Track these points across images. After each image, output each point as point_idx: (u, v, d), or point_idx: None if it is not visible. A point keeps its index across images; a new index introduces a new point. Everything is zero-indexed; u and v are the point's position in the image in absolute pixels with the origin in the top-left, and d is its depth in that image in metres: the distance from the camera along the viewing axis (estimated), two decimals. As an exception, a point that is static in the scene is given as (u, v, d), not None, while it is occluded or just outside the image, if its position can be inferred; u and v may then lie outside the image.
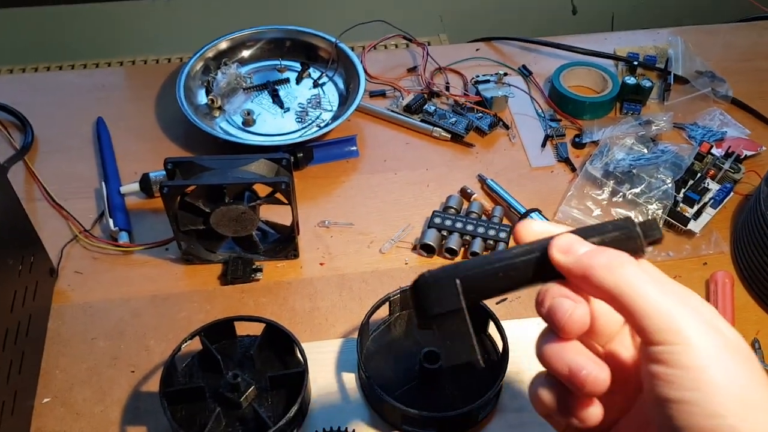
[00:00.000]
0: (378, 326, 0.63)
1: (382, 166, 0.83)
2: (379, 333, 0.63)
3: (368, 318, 0.61)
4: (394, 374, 0.59)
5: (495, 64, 0.96)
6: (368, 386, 0.58)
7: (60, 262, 0.71)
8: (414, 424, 0.56)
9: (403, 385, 0.58)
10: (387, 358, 0.61)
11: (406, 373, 0.59)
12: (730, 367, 0.32)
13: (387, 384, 0.57)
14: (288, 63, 0.91)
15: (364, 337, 0.60)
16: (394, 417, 0.57)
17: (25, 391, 0.59)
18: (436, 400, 0.58)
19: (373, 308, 0.61)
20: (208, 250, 0.71)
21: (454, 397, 0.58)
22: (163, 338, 0.65)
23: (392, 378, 0.59)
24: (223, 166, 0.67)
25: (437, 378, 0.59)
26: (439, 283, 0.36)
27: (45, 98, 0.89)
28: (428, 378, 0.59)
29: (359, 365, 0.58)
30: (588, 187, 0.78)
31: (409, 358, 0.60)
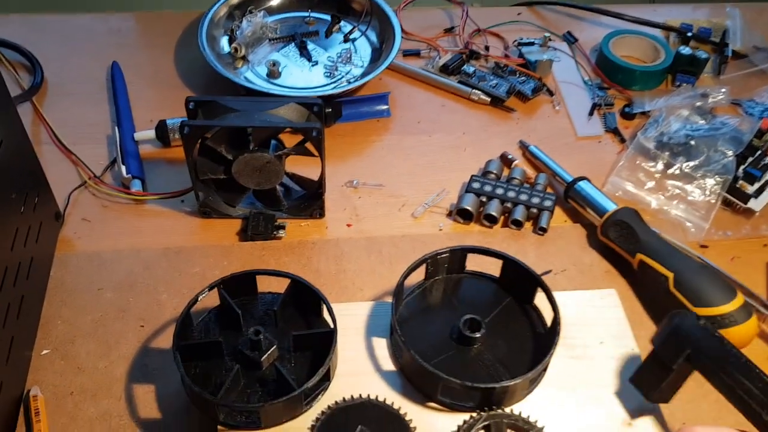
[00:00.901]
0: (412, 290, 0.58)
1: (416, 127, 0.77)
2: (413, 297, 0.57)
3: (403, 279, 0.55)
4: (428, 341, 0.53)
5: (537, 29, 0.90)
6: (403, 352, 0.52)
7: (67, 208, 0.65)
8: (452, 395, 0.50)
9: (438, 354, 0.52)
10: (421, 324, 0.55)
11: (442, 342, 0.54)
12: None
13: (421, 351, 0.51)
14: (318, 15, 0.85)
15: (398, 299, 0.54)
16: (431, 387, 0.51)
17: (23, 340, 0.53)
18: (474, 372, 0.52)
19: (408, 269, 0.55)
20: (227, 203, 0.66)
21: (495, 369, 0.52)
22: (176, 293, 0.60)
23: (427, 345, 0.53)
24: (250, 109, 0.61)
25: (476, 348, 0.53)
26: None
27: (57, 41, 0.83)
28: (466, 347, 0.53)
29: (393, 329, 0.53)
30: (640, 158, 0.72)
31: (445, 325, 0.54)
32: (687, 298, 0.57)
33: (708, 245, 0.67)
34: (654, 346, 0.49)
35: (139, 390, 0.53)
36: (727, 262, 0.65)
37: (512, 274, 0.57)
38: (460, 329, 0.53)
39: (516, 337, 0.54)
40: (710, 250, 0.66)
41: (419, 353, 0.50)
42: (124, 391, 0.53)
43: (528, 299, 0.57)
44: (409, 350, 0.50)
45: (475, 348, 0.53)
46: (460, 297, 0.57)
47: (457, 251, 0.57)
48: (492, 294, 0.57)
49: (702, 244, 0.67)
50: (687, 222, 0.67)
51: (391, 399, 0.51)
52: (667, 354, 0.48)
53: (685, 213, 0.68)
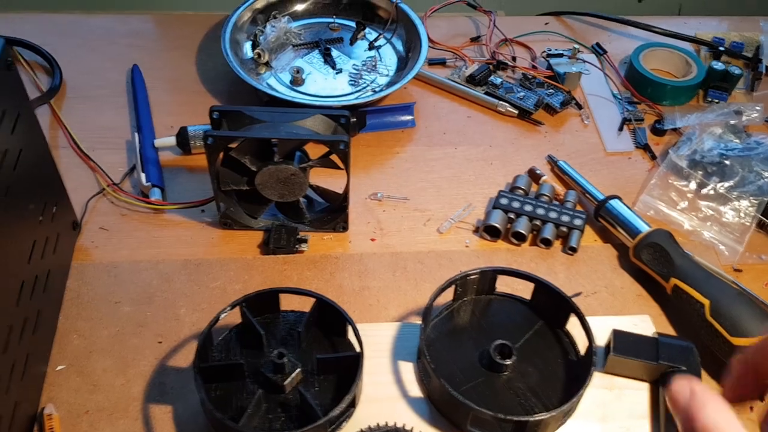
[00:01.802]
0: (439, 312, 0.56)
1: (441, 139, 0.75)
2: (441, 320, 0.55)
3: (432, 302, 0.53)
4: (457, 367, 0.52)
5: (565, 39, 0.87)
6: (432, 379, 0.50)
7: (84, 217, 0.64)
8: (483, 426, 0.49)
9: (467, 381, 0.51)
10: (449, 348, 0.53)
11: (471, 367, 0.52)
12: None
13: (449, 377, 0.50)
14: (342, 21, 0.83)
15: (426, 322, 0.52)
16: (460, 416, 0.49)
17: (38, 355, 0.52)
18: (505, 401, 0.50)
19: (437, 291, 0.53)
20: (248, 215, 0.64)
21: (527, 398, 0.50)
22: (196, 308, 0.58)
23: (455, 371, 0.51)
24: (276, 120, 0.59)
25: (507, 375, 0.51)
26: None
27: (75, 42, 0.82)
28: (496, 374, 0.51)
29: (422, 354, 0.51)
30: (672, 177, 0.70)
31: (474, 350, 0.53)
32: (724, 327, 0.55)
33: (742, 269, 0.65)
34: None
35: (157, 411, 0.52)
36: (761, 287, 0.63)
37: (544, 297, 0.55)
38: (490, 355, 0.51)
39: (548, 364, 0.52)
40: (744, 274, 0.64)
41: (447, 379, 0.48)
42: (141, 411, 0.51)
43: (560, 324, 0.55)
44: (439, 378, 0.48)
45: (506, 375, 0.51)
46: (489, 320, 0.55)
47: (487, 272, 0.55)
48: (522, 317, 0.55)
49: (736, 268, 0.65)
50: (720, 245, 0.65)
51: (418, 427, 0.49)
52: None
53: (719, 235, 0.66)
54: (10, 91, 0.47)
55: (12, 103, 0.47)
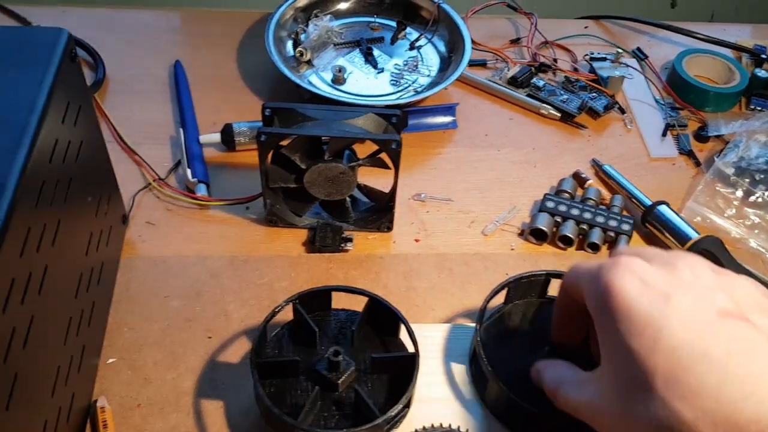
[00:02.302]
0: (490, 314, 0.55)
1: (484, 140, 0.75)
2: (492, 322, 0.55)
3: (486, 304, 0.53)
4: (510, 372, 0.51)
5: (605, 43, 0.87)
6: (489, 382, 0.49)
7: (131, 211, 0.64)
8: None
9: (520, 386, 0.50)
10: (502, 352, 0.53)
11: (524, 372, 0.51)
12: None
13: (504, 383, 0.49)
14: (383, 21, 0.83)
15: (481, 323, 0.52)
16: (518, 422, 0.49)
17: (92, 347, 0.52)
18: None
19: (492, 293, 0.53)
20: (294, 213, 0.64)
21: None
22: (244, 304, 0.58)
23: (508, 376, 0.51)
24: (327, 118, 0.59)
25: None
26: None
27: (118, 36, 0.82)
28: None
29: (478, 356, 0.50)
30: (719, 184, 0.69)
31: (528, 355, 0.52)
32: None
33: (789, 278, 0.64)
34: None
35: (208, 405, 0.51)
36: (809, 297, 0.63)
37: None
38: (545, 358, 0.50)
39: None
40: (791, 283, 0.64)
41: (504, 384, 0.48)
42: (193, 405, 0.51)
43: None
44: (498, 382, 0.48)
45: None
46: (542, 324, 0.54)
47: (540, 275, 0.55)
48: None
49: (784, 277, 0.64)
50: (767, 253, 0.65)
51: (472, 430, 0.49)
52: None
53: (766, 243, 0.65)
54: (74, 82, 0.48)
55: (75, 95, 0.48)
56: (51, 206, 0.42)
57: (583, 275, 0.42)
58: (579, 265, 0.44)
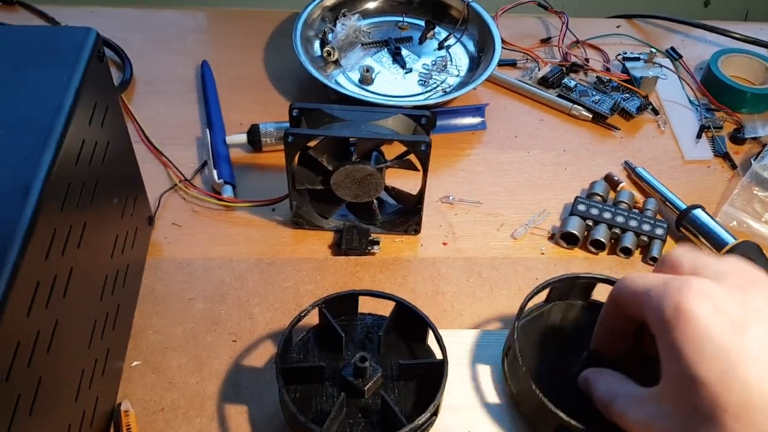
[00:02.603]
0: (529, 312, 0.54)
1: (513, 142, 0.73)
2: (529, 320, 0.53)
3: (526, 303, 0.51)
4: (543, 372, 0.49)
5: (638, 43, 0.85)
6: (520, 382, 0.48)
7: (157, 212, 0.63)
8: None
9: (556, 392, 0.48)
10: (536, 352, 0.51)
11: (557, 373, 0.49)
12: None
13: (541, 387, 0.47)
14: (411, 20, 0.82)
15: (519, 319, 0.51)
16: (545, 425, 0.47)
17: (117, 351, 0.51)
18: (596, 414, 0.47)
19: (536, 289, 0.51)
20: (320, 215, 0.63)
21: None
22: (269, 307, 0.57)
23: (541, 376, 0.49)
24: (355, 119, 0.58)
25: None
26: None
27: (145, 36, 0.82)
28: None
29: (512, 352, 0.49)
30: (756, 187, 0.67)
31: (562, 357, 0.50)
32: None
33: (831, 286, 0.62)
34: None
35: (232, 410, 0.51)
36: None
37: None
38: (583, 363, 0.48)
39: (644, 379, 0.49)
40: (833, 291, 0.61)
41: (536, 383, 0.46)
42: (217, 410, 0.51)
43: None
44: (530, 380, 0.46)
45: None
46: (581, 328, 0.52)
47: (588, 279, 0.53)
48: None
49: (825, 285, 0.62)
50: (809, 260, 0.63)
51: (502, 439, 0.48)
52: None
53: (807, 249, 0.63)
54: (102, 83, 0.47)
55: (103, 96, 0.47)
56: (77, 208, 0.42)
57: (643, 291, 0.40)
58: (635, 280, 0.41)
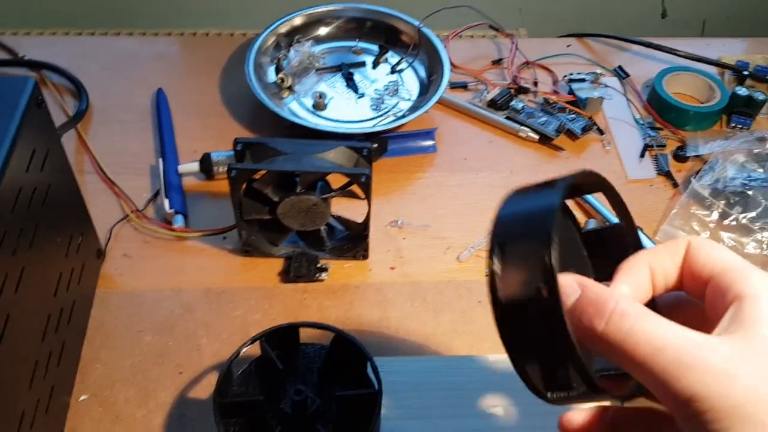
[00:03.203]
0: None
1: (462, 164, 0.75)
2: None
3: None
4: None
5: (587, 62, 0.87)
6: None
7: (108, 243, 0.65)
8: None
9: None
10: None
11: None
12: None
13: None
14: (365, 45, 0.84)
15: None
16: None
17: (62, 386, 0.53)
18: None
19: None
20: (270, 243, 0.64)
21: None
22: (216, 338, 0.59)
23: None
24: (298, 151, 0.60)
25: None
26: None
27: (102, 64, 0.83)
28: None
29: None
30: (694, 206, 0.69)
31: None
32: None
33: (766, 303, 0.64)
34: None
35: (178, 441, 0.52)
36: (785, 322, 0.62)
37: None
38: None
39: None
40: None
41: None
42: (163, 442, 0.52)
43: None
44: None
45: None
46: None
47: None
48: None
49: (759, 302, 0.64)
50: (744, 278, 0.65)
51: (437, 465, 0.49)
52: None
53: (743, 268, 0.65)
54: (41, 128, 0.48)
55: (42, 141, 0.48)
56: (14, 255, 0.43)
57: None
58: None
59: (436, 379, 0.55)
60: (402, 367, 0.55)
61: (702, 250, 0.31)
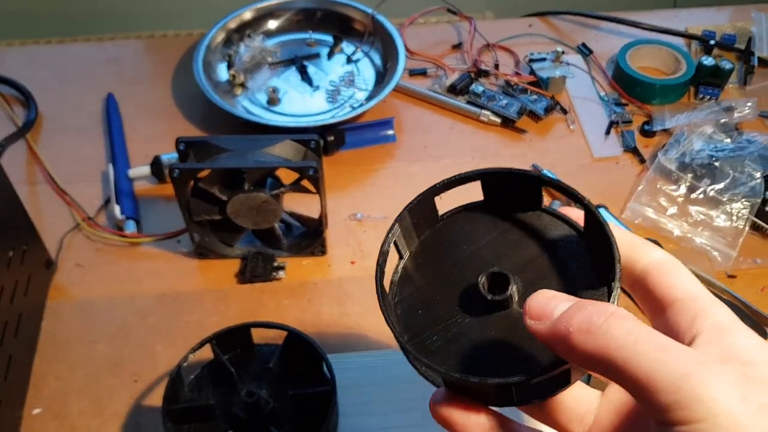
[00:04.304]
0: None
1: (423, 153, 0.74)
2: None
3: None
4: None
5: (550, 41, 0.85)
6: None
7: (59, 253, 0.63)
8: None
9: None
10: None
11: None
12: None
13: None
14: (319, 36, 0.82)
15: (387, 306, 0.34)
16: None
17: (13, 400, 0.51)
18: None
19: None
20: (224, 243, 0.63)
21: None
22: (172, 344, 0.57)
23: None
24: (243, 148, 0.58)
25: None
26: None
27: (50, 72, 0.81)
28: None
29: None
30: (661, 181, 0.68)
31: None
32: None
33: (736, 275, 0.62)
34: None
35: (132, 452, 0.51)
36: (756, 293, 0.61)
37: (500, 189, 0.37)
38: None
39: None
40: (738, 279, 0.62)
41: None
42: (117, 453, 0.51)
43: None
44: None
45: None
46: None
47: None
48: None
49: (730, 274, 0.62)
50: (713, 251, 0.63)
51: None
52: None
53: (711, 240, 0.64)
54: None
55: (-35, 152, 0.47)
56: (-63, 270, 0.42)
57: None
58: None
59: (394, 372, 0.53)
60: (359, 362, 0.54)
61: (671, 273, 0.30)
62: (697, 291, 0.29)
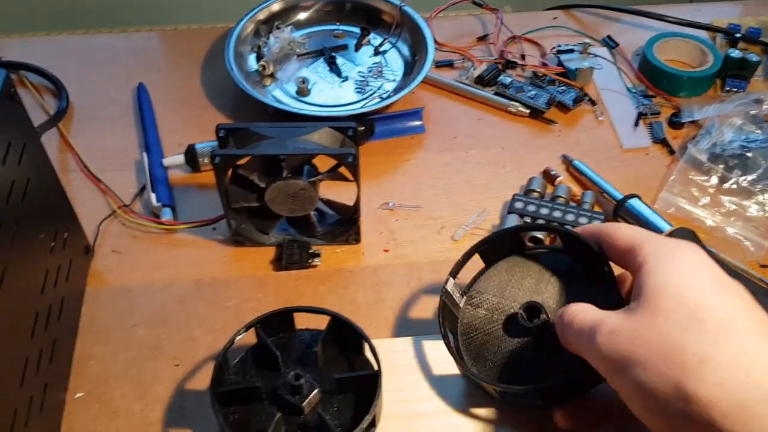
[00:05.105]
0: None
1: (452, 143, 0.74)
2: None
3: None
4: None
5: (575, 34, 0.86)
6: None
7: (96, 240, 0.63)
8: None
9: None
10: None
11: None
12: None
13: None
14: (346, 28, 0.82)
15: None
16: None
17: (57, 384, 0.51)
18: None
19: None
20: (260, 231, 0.63)
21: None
22: (210, 328, 0.57)
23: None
24: (282, 135, 0.58)
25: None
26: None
27: (81, 62, 0.82)
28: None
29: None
30: (692, 171, 0.68)
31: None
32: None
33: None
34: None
35: (177, 435, 0.51)
36: (789, 282, 0.61)
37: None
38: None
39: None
40: (771, 269, 0.62)
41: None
42: (161, 436, 0.51)
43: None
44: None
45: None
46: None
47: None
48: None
49: (762, 264, 0.63)
50: (745, 240, 0.64)
51: (440, 444, 0.48)
52: None
53: (743, 230, 0.64)
54: (15, 121, 0.47)
55: (17, 134, 0.47)
56: (-6, 250, 0.42)
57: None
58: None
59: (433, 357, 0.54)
60: (398, 347, 0.54)
61: (613, 228, 0.45)
62: (635, 237, 0.44)
